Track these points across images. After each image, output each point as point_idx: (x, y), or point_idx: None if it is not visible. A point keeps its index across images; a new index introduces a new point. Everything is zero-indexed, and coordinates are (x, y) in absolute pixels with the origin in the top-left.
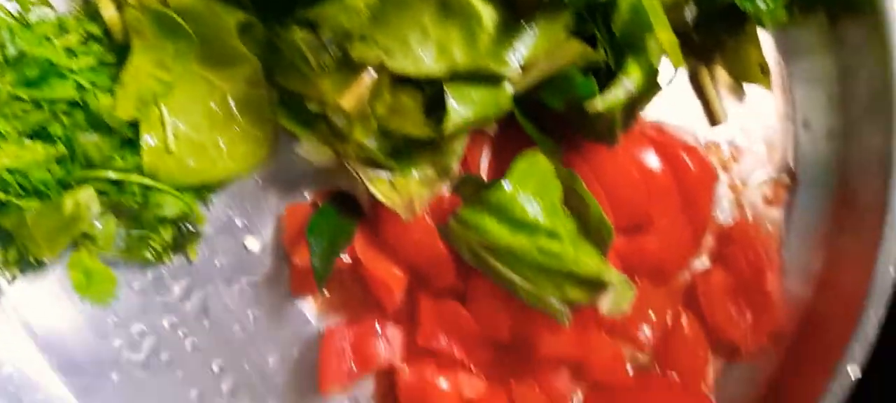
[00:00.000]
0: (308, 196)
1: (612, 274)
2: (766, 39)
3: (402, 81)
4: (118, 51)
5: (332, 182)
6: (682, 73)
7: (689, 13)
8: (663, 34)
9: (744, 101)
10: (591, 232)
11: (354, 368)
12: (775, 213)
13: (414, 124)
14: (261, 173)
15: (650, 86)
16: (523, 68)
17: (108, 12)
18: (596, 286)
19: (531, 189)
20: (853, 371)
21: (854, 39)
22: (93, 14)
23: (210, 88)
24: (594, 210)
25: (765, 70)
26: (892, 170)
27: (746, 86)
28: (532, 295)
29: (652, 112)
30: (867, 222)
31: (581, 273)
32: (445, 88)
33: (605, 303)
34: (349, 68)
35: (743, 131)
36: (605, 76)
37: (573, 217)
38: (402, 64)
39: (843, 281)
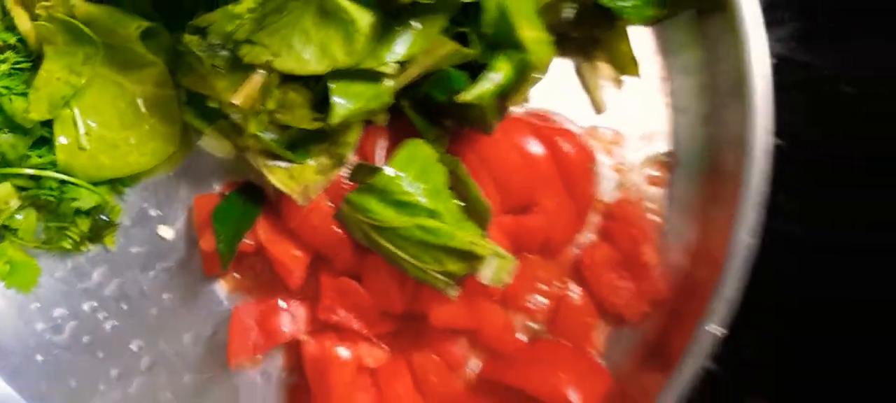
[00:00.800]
0: (217, 187)
1: (485, 247)
2: (646, 36)
3: (290, 79)
4: (33, 59)
5: (240, 173)
6: (570, 67)
7: (570, 12)
8: (527, 33)
9: (629, 91)
10: (473, 212)
11: (260, 342)
12: (657, 191)
13: (302, 118)
14: (173, 167)
15: (521, 80)
16: (402, 65)
17: (24, 23)
18: (471, 258)
19: (413, 173)
20: (716, 330)
21: (715, 34)
22: (9, 25)
23: (121, 90)
24: (472, 191)
25: (635, 62)
26: (746, 148)
27: (632, 78)
28: (417, 270)
29: (543, 103)
30: (729, 194)
31: (457, 247)
32: (329, 85)
33: (487, 275)
34: (241, 68)
35: (627, 118)
36: (481, 71)
37: (458, 199)
38: (288, 64)
39: (712, 249)
